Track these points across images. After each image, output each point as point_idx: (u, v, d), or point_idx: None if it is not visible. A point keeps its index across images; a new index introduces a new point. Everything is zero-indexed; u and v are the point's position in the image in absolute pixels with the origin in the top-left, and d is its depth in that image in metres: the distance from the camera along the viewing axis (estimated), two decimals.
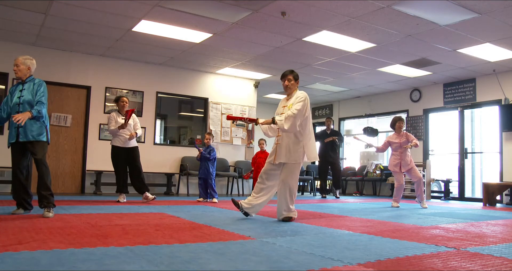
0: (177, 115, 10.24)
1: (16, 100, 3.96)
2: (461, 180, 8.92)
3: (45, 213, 3.85)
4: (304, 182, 10.72)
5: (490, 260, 2.39)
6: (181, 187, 8.57)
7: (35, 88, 3.98)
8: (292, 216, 4.09)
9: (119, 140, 5.92)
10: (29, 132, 3.90)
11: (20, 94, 3.98)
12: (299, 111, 3.93)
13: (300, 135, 4.05)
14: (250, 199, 4.23)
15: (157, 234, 2.98)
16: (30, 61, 4.08)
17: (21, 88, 4.02)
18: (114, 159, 5.98)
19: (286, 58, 7.75)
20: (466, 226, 4.08)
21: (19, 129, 3.91)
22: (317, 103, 12.33)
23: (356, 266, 2.14)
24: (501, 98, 8.24)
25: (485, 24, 5.76)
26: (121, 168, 5.97)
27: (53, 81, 7.39)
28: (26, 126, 3.89)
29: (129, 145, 5.95)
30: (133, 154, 5.98)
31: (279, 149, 4.09)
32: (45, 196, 3.89)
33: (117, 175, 6.01)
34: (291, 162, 4.03)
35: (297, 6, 5.33)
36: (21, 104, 3.93)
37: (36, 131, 3.93)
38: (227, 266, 2.04)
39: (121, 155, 5.94)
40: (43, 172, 3.91)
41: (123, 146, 5.92)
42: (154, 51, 7.59)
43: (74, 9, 5.63)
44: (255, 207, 4.21)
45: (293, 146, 4.04)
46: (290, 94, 4.20)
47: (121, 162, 5.95)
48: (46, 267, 1.90)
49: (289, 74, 4.24)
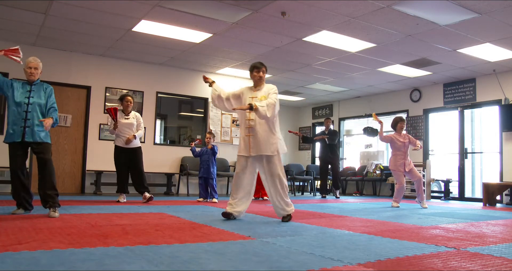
0: (177, 115, 10.25)
1: (24, 100, 3.98)
2: (461, 180, 8.92)
3: (50, 213, 3.85)
4: (304, 182, 10.73)
5: (490, 260, 2.39)
6: (181, 187, 8.57)
7: (47, 93, 4.11)
8: (291, 211, 4.03)
9: (121, 140, 5.89)
10: (37, 134, 3.96)
11: (28, 95, 4.01)
12: (277, 101, 3.98)
13: (274, 128, 4.02)
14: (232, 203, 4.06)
15: (157, 234, 2.98)
16: (41, 64, 4.15)
17: (29, 89, 4.03)
18: (116, 159, 5.95)
19: (286, 58, 7.75)
20: (466, 226, 4.08)
21: (26, 129, 3.93)
22: (317, 103, 12.33)
23: (356, 266, 2.14)
24: (501, 98, 8.24)
25: (485, 24, 5.76)
26: (122, 168, 5.94)
27: (53, 81, 7.38)
28: (34, 127, 3.95)
29: (131, 145, 5.90)
30: (135, 155, 5.94)
31: (254, 140, 3.94)
32: (51, 196, 3.91)
33: (118, 175, 6.00)
34: (273, 153, 3.93)
35: (297, 6, 5.33)
36: (30, 104, 3.97)
37: (43, 133, 4.01)
38: (227, 266, 2.04)
39: (123, 155, 5.91)
40: (50, 171, 3.97)
41: (125, 146, 5.89)
42: (154, 51, 7.59)
43: (74, 9, 5.63)
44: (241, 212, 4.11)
45: (270, 138, 3.96)
46: (259, 86, 4.13)
47: (122, 162, 5.93)
48: (46, 267, 1.89)
49: (262, 66, 4.17)
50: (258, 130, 3.96)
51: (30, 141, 3.94)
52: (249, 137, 3.99)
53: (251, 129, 3.99)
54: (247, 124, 4.01)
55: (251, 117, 3.98)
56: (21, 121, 3.93)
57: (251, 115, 3.98)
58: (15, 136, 3.94)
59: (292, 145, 12.86)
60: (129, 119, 5.95)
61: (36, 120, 3.95)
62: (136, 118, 6.01)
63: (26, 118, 3.94)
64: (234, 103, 4.15)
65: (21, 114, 3.95)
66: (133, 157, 5.94)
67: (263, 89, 4.11)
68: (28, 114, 3.94)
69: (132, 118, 5.98)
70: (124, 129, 5.87)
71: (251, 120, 3.98)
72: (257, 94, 4.07)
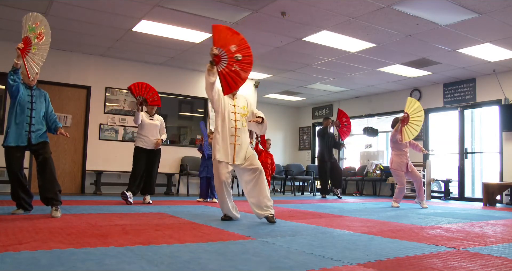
0: (177, 115, 10.24)
1: (27, 105, 4.04)
2: (461, 180, 8.92)
3: (53, 212, 3.89)
4: (304, 182, 10.73)
5: (490, 260, 2.39)
6: (181, 187, 8.57)
7: (47, 101, 4.24)
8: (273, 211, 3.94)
9: (143, 141, 5.72)
10: (39, 135, 4.09)
11: (29, 99, 4.07)
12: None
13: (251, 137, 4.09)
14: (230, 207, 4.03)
15: (157, 234, 2.98)
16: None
17: (30, 93, 4.07)
18: (136, 160, 5.74)
19: (286, 58, 7.75)
20: (466, 226, 4.08)
21: (31, 133, 4.02)
22: (317, 103, 12.33)
23: (356, 266, 2.14)
24: (501, 98, 8.24)
25: (485, 24, 5.76)
26: (140, 169, 5.72)
27: (53, 81, 7.39)
28: (37, 131, 4.07)
29: (152, 147, 5.77)
30: (155, 156, 5.81)
31: (239, 150, 3.92)
32: (55, 193, 3.98)
33: (133, 175, 5.72)
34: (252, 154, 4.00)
35: (297, 6, 5.34)
36: (34, 110, 4.07)
37: (44, 133, 4.15)
38: (227, 266, 2.04)
39: (144, 155, 5.73)
40: (51, 169, 4.03)
41: (149, 148, 5.73)
42: (154, 51, 7.59)
43: (74, 9, 5.63)
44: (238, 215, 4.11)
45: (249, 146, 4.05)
46: (235, 94, 4.07)
47: (142, 163, 5.72)
48: (46, 267, 1.90)
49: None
50: (244, 140, 3.98)
51: (36, 142, 4.03)
52: (234, 145, 3.91)
53: (238, 138, 3.93)
54: (232, 133, 3.93)
55: (237, 126, 3.95)
56: (26, 125, 4.00)
57: (237, 124, 3.95)
58: (20, 140, 3.98)
59: (292, 145, 12.86)
60: (153, 121, 5.84)
61: (39, 125, 4.08)
62: (160, 121, 5.92)
63: (30, 123, 4.02)
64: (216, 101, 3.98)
65: (25, 119, 4.01)
66: (153, 158, 5.80)
67: (239, 98, 4.09)
68: (32, 119, 4.04)
69: (156, 120, 5.88)
70: (149, 130, 5.74)
71: (237, 129, 3.94)
72: (238, 103, 4.04)
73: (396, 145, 6.41)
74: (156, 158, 5.87)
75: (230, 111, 3.94)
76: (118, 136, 8.04)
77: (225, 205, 3.97)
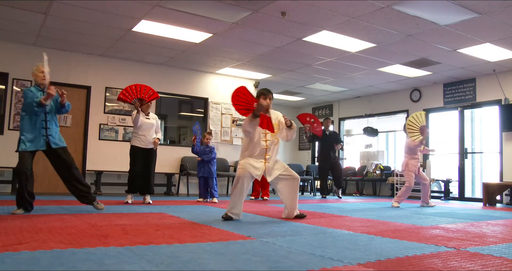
0: (177, 115, 10.25)
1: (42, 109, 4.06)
2: (461, 180, 8.92)
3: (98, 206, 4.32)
4: (304, 182, 10.72)
5: (490, 260, 2.39)
6: (181, 187, 8.57)
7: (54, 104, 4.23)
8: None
9: (139, 140, 5.73)
10: (58, 140, 4.18)
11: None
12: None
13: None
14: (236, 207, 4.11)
15: (157, 234, 2.98)
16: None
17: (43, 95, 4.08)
18: (133, 159, 5.76)
19: (286, 58, 7.75)
20: (466, 226, 4.08)
21: (49, 137, 4.08)
22: (317, 103, 12.33)
23: (356, 266, 2.14)
24: (501, 98, 8.24)
25: (485, 24, 5.76)
26: (137, 168, 5.74)
27: (53, 81, 7.24)
28: (55, 135, 4.15)
29: (150, 146, 5.79)
30: (151, 155, 5.81)
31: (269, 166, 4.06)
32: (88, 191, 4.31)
33: (131, 175, 5.78)
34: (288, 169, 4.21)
35: (297, 6, 5.34)
36: (48, 113, 4.12)
37: (62, 138, 4.25)
38: (227, 266, 2.04)
39: (140, 155, 5.74)
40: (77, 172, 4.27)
41: (144, 147, 5.74)
42: (154, 51, 7.59)
43: (74, 9, 5.63)
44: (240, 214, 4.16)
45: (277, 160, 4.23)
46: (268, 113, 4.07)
47: (138, 162, 5.74)
48: (46, 267, 1.89)
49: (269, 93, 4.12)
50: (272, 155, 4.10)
51: (56, 147, 4.12)
52: (264, 163, 4.04)
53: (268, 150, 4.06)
54: (263, 145, 4.03)
55: (267, 138, 4.02)
56: (42, 129, 4.05)
57: (267, 137, 4.02)
58: (39, 144, 4.05)
59: (292, 145, 12.86)
60: (149, 119, 5.82)
61: (53, 127, 4.15)
62: (155, 119, 5.92)
63: (46, 127, 4.08)
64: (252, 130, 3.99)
65: (40, 123, 4.05)
66: (149, 157, 5.81)
67: (271, 116, 4.07)
68: (47, 123, 4.10)
69: (152, 119, 5.87)
70: (145, 129, 5.74)
71: (268, 141, 4.04)
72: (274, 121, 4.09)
73: (411, 150, 6.60)
74: (152, 156, 5.87)
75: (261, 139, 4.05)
76: (118, 136, 8.04)
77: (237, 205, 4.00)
